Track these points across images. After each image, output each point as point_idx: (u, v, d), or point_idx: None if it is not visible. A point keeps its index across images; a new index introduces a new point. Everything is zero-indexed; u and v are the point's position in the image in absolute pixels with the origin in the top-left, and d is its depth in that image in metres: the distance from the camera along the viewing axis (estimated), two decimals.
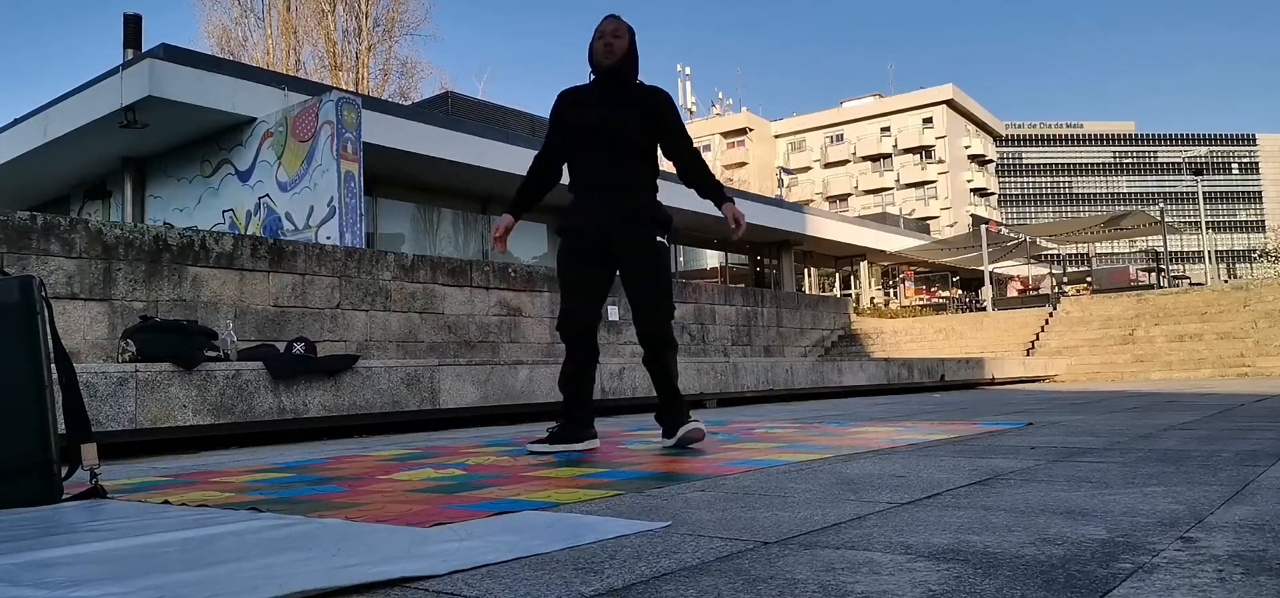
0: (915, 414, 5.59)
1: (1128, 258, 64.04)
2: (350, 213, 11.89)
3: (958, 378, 12.23)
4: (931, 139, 66.18)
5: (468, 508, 2.00)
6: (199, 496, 2.43)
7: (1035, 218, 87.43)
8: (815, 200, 61.62)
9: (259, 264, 7.69)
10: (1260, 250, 72.78)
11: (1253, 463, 2.53)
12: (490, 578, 1.29)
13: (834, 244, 28.22)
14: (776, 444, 3.49)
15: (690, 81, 38.23)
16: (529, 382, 6.55)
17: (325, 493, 2.39)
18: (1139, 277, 34.11)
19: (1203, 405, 5.63)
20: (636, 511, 1.90)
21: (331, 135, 11.95)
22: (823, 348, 16.65)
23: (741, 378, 8.74)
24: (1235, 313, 15.65)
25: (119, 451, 4.20)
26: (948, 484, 2.22)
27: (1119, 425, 4.10)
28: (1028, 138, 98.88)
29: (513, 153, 16.85)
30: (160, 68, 12.49)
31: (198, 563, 1.47)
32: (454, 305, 9.36)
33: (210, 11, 31.54)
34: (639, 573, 1.30)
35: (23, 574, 1.42)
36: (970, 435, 3.70)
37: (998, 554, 1.38)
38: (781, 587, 1.20)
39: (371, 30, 31.78)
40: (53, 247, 6.48)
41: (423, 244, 17.01)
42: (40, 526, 1.99)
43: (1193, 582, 1.18)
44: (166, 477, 3.05)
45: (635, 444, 3.67)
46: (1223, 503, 1.84)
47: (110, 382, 4.23)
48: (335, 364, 5.29)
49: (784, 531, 1.62)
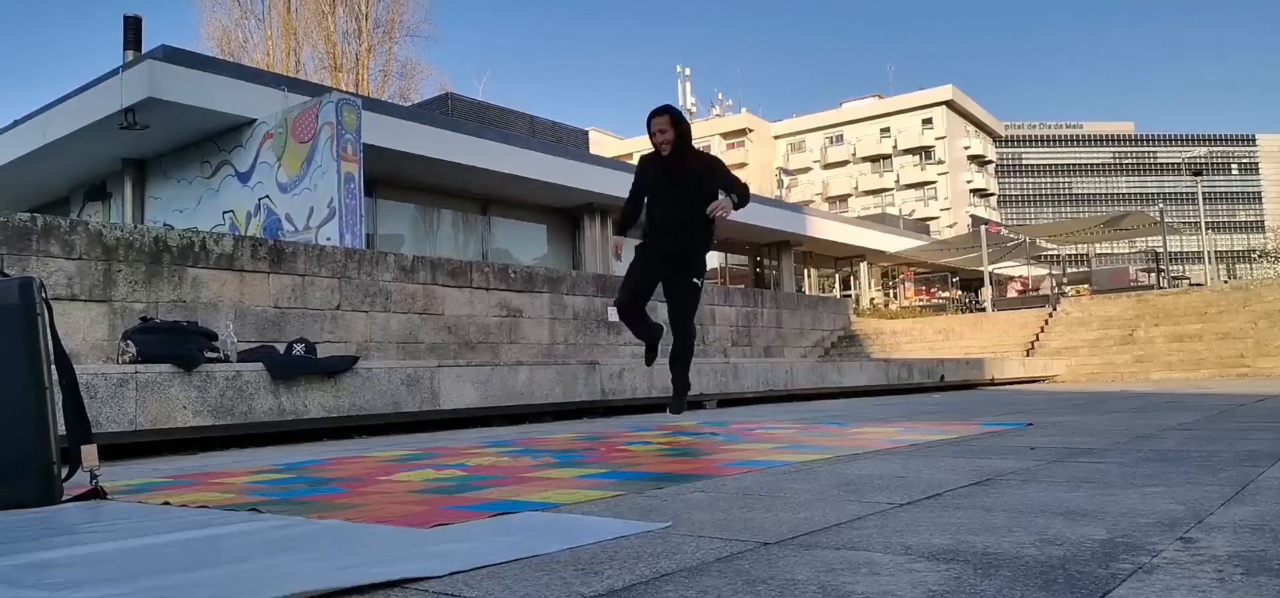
0: (915, 415, 5.60)
1: (1128, 258, 63.96)
2: (350, 214, 11.90)
3: (957, 379, 12.23)
4: (931, 140, 66.15)
5: (468, 509, 2.00)
6: (199, 497, 2.43)
7: (1035, 218, 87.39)
8: (815, 201, 61.58)
9: (259, 265, 7.69)
10: (1260, 251, 72.77)
11: (1253, 463, 2.53)
12: (490, 579, 1.29)
13: (834, 245, 28.24)
14: (776, 445, 3.49)
15: (690, 82, 38.28)
16: (529, 383, 6.55)
17: (326, 494, 2.39)
18: (1139, 277, 34.08)
19: (1202, 406, 5.63)
20: (636, 511, 1.90)
21: (331, 136, 11.96)
22: (822, 349, 16.65)
23: (741, 379, 8.73)
24: (1235, 313, 15.65)
25: (119, 452, 4.19)
26: (948, 485, 2.22)
27: (1119, 426, 4.10)
28: (1027, 138, 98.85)
29: (512, 154, 16.87)
30: (160, 69, 12.50)
31: (198, 564, 1.47)
32: (454, 306, 9.36)
33: (210, 13, 31.50)
34: (639, 574, 1.30)
35: (23, 575, 1.42)
36: (970, 436, 3.70)
37: (998, 555, 1.38)
38: (781, 587, 1.20)
39: (371, 32, 31.80)
40: (53, 248, 6.48)
41: (423, 245, 17.01)
42: (40, 527, 1.99)
43: (1193, 582, 1.18)
44: (166, 478, 3.05)
45: (635, 444, 3.67)
46: (1223, 503, 1.84)
47: (110, 383, 4.23)
48: (335, 365, 5.28)
49: (784, 531, 1.63)
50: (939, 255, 31.26)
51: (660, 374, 7.93)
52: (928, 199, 65.15)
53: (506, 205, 18.75)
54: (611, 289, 11.43)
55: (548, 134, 19.60)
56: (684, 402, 4.89)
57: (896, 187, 66.97)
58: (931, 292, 34.15)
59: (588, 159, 19.36)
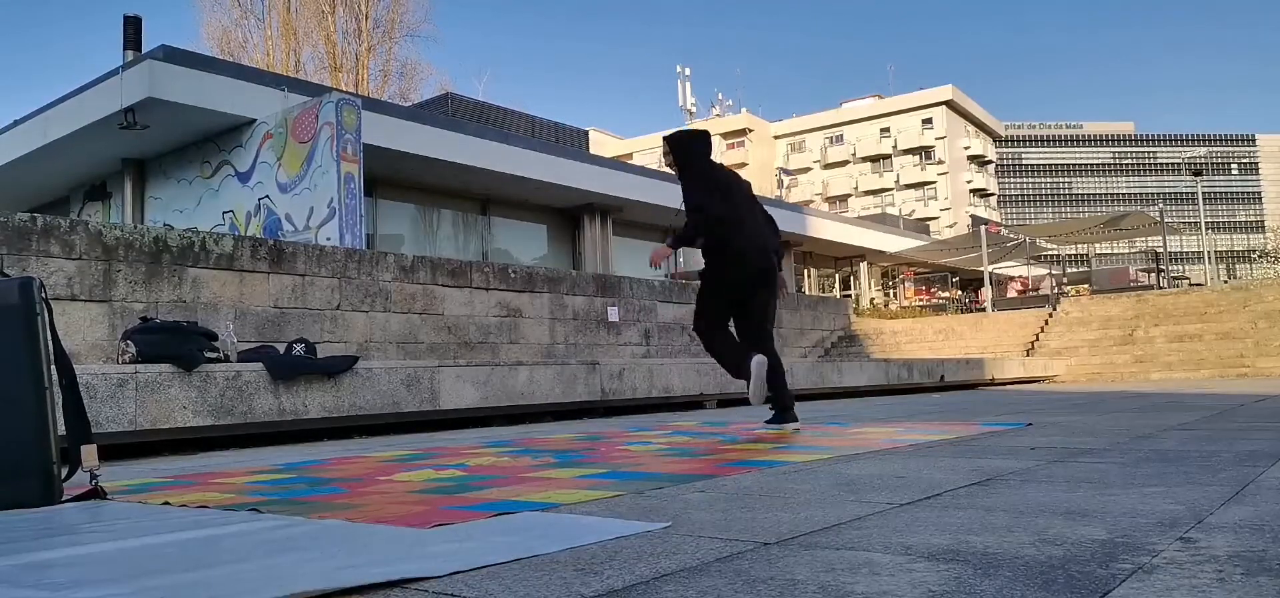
0: (915, 415, 5.60)
1: (1127, 258, 63.93)
2: (350, 214, 11.89)
3: (957, 379, 12.23)
4: (931, 140, 66.12)
5: (468, 509, 2.00)
6: (199, 497, 2.43)
7: (1035, 218, 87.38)
8: (815, 201, 61.56)
9: (259, 265, 7.69)
10: (1260, 251, 72.77)
11: (1252, 463, 2.53)
12: (490, 579, 1.29)
13: (834, 245, 28.23)
14: (776, 445, 3.49)
15: (689, 82, 38.16)
16: (529, 383, 6.55)
17: (325, 494, 2.39)
18: (1139, 277, 34.07)
19: (1202, 406, 5.63)
20: (636, 511, 1.90)
21: (331, 136, 11.95)
22: (823, 349, 16.65)
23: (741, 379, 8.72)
24: (1235, 313, 15.65)
25: (119, 452, 4.20)
26: (948, 485, 2.22)
27: (1119, 426, 4.10)
28: (1027, 138, 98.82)
29: (512, 154, 16.86)
30: (160, 69, 12.49)
31: (198, 564, 1.47)
32: (454, 306, 9.36)
33: (210, 13, 31.49)
34: (639, 574, 1.30)
35: (23, 576, 1.42)
36: (970, 436, 3.71)
37: (997, 555, 1.38)
38: (781, 587, 1.20)
39: (371, 31, 31.78)
40: (53, 248, 6.48)
41: (422, 245, 17.01)
42: (40, 527, 1.99)
43: (1192, 582, 1.18)
44: (167, 478, 3.05)
45: (635, 444, 3.67)
46: (1222, 503, 1.84)
47: (110, 383, 4.23)
48: (335, 365, 5.29)
49: (784, 531, 1.63)
50: (939, 255, 31.25)
51: (660, 374, 7.94)
52: (928, 199, 65.12)
53: (506, 205, 18.75)
54: (611, 289, 11.43)
55: (548, 134, 19.61)
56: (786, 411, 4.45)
57: (896, 187, 66.94)
58: (931, 292, 34.14)
59: (588, 159, 19.36)
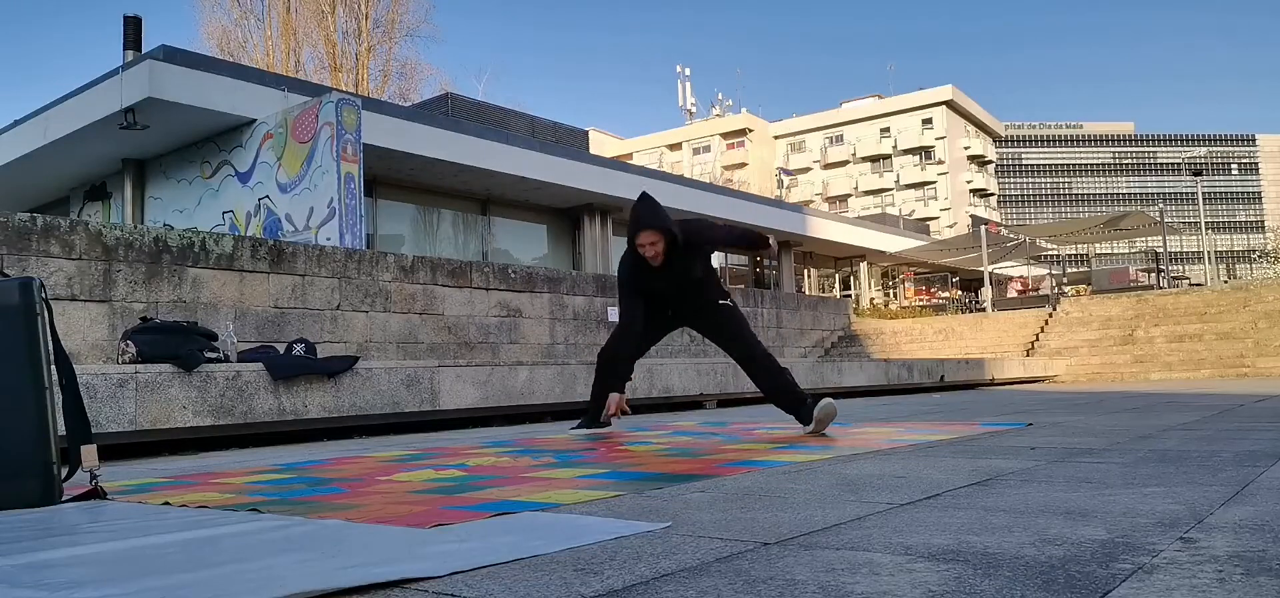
0: (915, 415, 5.60)
1: (1127, 258, 63.94)
2: (350, 214, 11.89)
3: (958, 379, 12.23)
4: (931, 140, 66.12)
5: (468, 509, 2.00)
6: (199, 497, 2.43)
7: (1035, 219, 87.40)
8: (815, 201, 61.56)
9: (259, 265, 7.69)
10: (1260, 251, 72.73)
11: (1252, 463, 2.53)
12: (490, 579, 1.29)
13: (834, 245, 28.23)
14: (776, 445, 3.49)
15: (689, 83, 38.30)
16: (529, 383, 6.55)
17: (325, 494, 2.39)
18: (1139, 277, 34.11)
19: (1202, 406, 5.63)
20: (636, 511, 1.90)
21: (331, 137, 11.95)
22: (823, 349, 16.65)
23: (741, 379, 8.72)
24: (1235, 313, 15.65)
25: (119, 452, 4.20)
26: (948, 485, 2.22)
27: (1119, 426, 4.10)
28: (1027, 138, 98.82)
29: (512, 154, 16.86)
30: (160, 69, 12.49)
31: (198, 564, 1.47)
32: (454, 306, 9.36)
33: (210, 13, 31.46)
34: (639, 574, 1.30)
35: (23, 576, 1.42)
36: (970, 436, 3.70)
37: (998, 555, 1.38)
38: (781, 588, 1.20)
39: (371, 32, 31.77)
40: (53, 248, 6.48)
41: (423, 245, 17.02)
42: (40, 527, 1.99)
43: (1193, 582, 1.18)
44: (167, 478, 3.05)
45: (635, 444, 3.67)
46: (1223, 503, 1.84)
47: (110, 383, 4.23)
48: (335, 365, 5.28)
49: (784, 531, 1.62)
50: (939, 255, 31.26)
51: (660, 374, 7.93)
52: (928, 199, 65.12)
53: (506, 205, 18.75)
54: (611, 288, 11.43)
55: (548, 134, 19.61)
56: (813, 412, 4.14)
57: (896, 187, 66.92)
58: (931, 292, 34.16)
59: (588, 159, 19.37)
